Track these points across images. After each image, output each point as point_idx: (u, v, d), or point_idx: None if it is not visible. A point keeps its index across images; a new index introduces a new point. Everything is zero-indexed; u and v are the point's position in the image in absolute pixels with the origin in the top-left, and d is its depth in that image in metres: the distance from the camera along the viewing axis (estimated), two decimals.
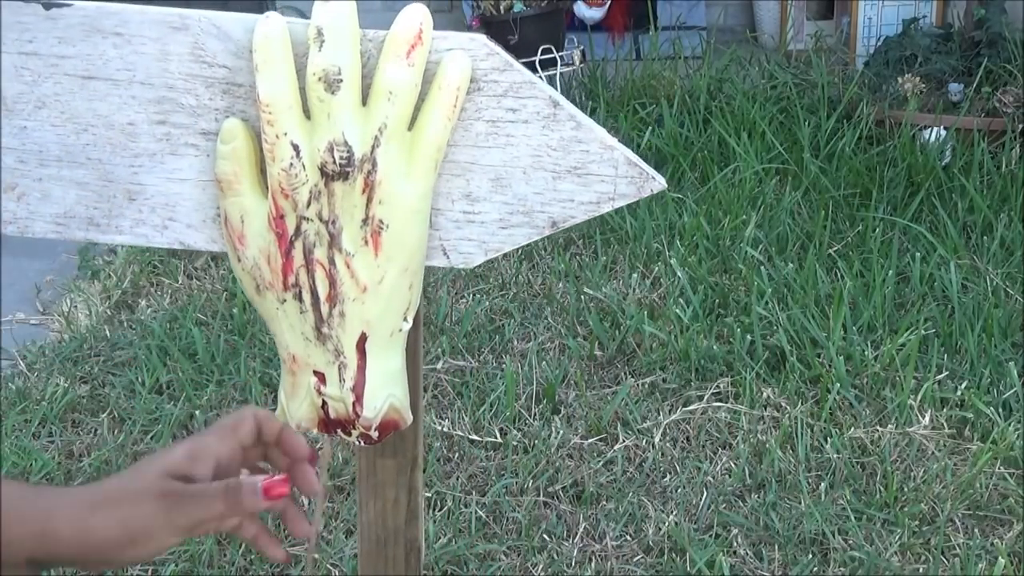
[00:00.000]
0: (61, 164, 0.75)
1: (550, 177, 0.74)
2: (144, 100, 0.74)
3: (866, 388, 2.48)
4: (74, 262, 3.26)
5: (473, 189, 0.75)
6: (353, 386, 0.74)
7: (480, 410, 2.41)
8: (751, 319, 2.66)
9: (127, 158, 0.75)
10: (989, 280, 2.87)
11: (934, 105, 3.68)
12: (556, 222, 0.76)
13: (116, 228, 0.77)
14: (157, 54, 0.72)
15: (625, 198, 0.75)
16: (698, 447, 2.33)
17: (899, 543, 2.05)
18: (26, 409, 2.47)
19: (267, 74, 0.69)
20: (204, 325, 2.79)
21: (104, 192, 0.76)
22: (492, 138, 0.74)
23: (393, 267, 0.72)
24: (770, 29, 4.95)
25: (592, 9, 4.64)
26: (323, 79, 0.68)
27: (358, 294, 0.72)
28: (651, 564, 2.03)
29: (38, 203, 0.76)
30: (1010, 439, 2.28)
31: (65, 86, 0.74)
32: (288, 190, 0.70)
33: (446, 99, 0.70)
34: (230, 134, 0.72)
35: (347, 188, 0.70)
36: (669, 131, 3.71)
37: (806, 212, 3.29)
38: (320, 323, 0.73)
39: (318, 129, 0.69)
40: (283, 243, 0.72)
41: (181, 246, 0.77)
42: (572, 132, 0.73)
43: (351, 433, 0.76)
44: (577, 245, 3.21)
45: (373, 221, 0.70)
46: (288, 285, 0.72)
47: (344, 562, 2.01)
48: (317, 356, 0.74)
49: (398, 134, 0.70)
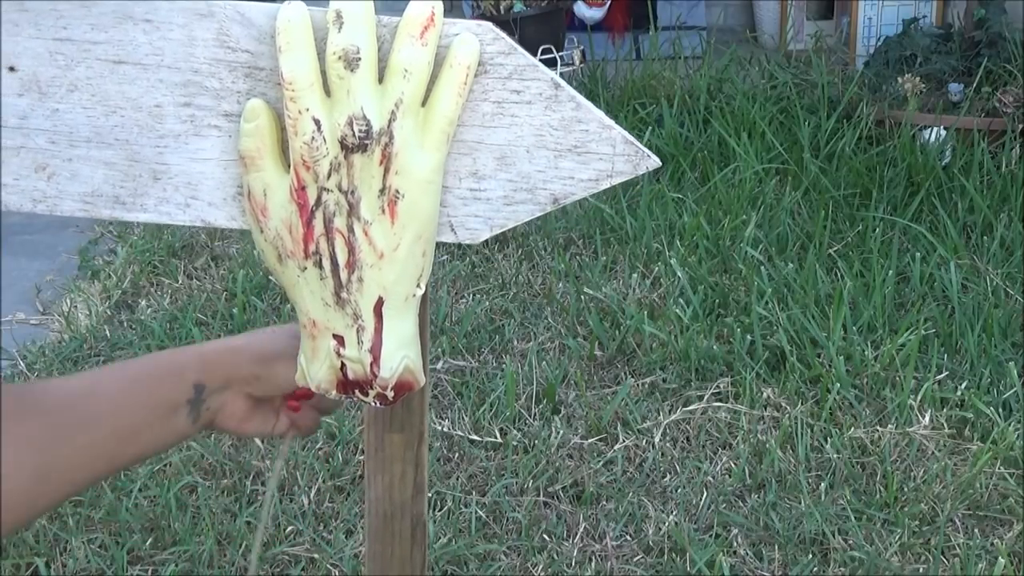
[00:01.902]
0: (90, 144, 0.78)
1: (552, 156, 0.78)
2: (171, 83, 0.77)
3: (866, 388, 2.48)
4: (74, 262, 3.26)
5: (479, 167, 0.79)
6: (371, 347, 0.78)
7: (480, 410, 2.41)
8: (751, 319, 2.66)
9: (153, 139, 0.78)
10: (989, 280, 2.87)
11: (934, 105, 3.68)
12: (557, 199, 0.79)
13: (141, 206, 0.80)
14: (184, 40, 0.76)
15: (622, 175, 0.78)
16: (698, 447, 2.33)
17: (899, 543, 2.05)
18: None
19: (290, 54, 0.73)
20: (204, 325, 2.79)
21: (130, 171, 0.79)
22: (498, 118, 0.77)
23: (408, 234, 0.76)
24: (770, 29, 4.95)
25: (592, 9, 4.64)
26: (342, 58, 0.73)
27: (375, 260, 0.76)
28: (651, 564, 2.03)
29: (67, 182, 0.79)
30: (1010, 439, 2.28)
31: (96, 70, 0.77)
32: (310, 162, 0.74)
33: (457, 76, 0.75)
34: (253, 113, 0.76)
35: (365, 160, 0.74)
36: (669, 131, 3.71)
37: (806, 212, 3.29)
38: (339, 288, 0.77)
39: (338, 105, 0.74)
40: (304, 213, 0.76)
41: (203, 223, 0.80)
42: (572, 112, 0.77)
43: (368, 393, 0.80)
44: (577, 245, 3.21)
45: (390, 191, 0.75)
46: (309, 253, 0.77)
47: (344, 562, 2.01)
48: (336, 320, 0.78)
49: (413, 109, 0.74)
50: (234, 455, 2.30)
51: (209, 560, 2.01)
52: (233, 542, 2.05)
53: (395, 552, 0.92)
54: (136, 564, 2.02)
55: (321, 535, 2.08)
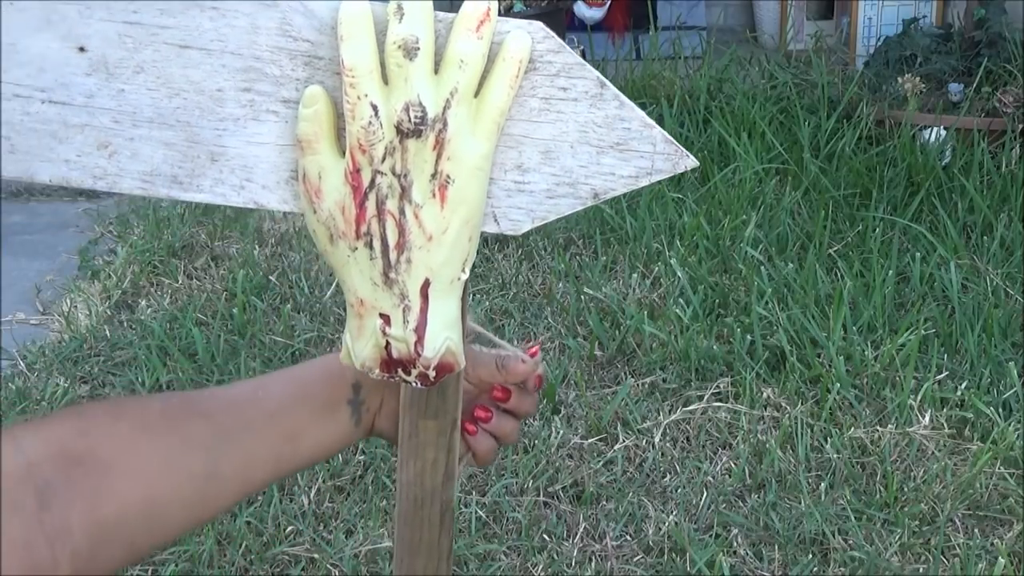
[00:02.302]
0: (152, 125, 0.81)
1: (594, 152, 0.81)
2: (233, 69, 0.80)
3: (866, 388, 2.48)
4: (74, 262, 3.26)
5: (524, 160, 0.81)
6: (416, 327, 0.81)
7: None
8: (751, 319, 2.66)
9: (213, 122, 0.81)
10: (989, 280, 2.87)
11: (934, 105, 3.68)
12: (598, 194, 0.82)
13: (197, 187, 0.82)
14: (248, 27, 0.79)
15: (661, 173, 0.81)
16: (698, 447, 2.33)
17: (899, 543, 2.05)
18: (26, 409, 2.47)
19: (351, 42, 0.77)
20: (204, 325, 2.79)
21: (189, 152, 0.81)
22: (544, 114, 0.80)
23: (457, 219, 0.79)
24: (770, 29, 4.95)
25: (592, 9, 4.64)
26: (402, 47, 0.76)
27: (424, 242, 0.79)
28: (651, 564, 2.03)
29: (128, 161, 0.82)
30: (1010, 439, 2.28)
31: (163, 54, 0.79)
32: (366, 146, 0.77)
33: (510, 69, 0.78)
34: (312, 99, 0.79)
35: (419, 145, 0.77)
36: (669, 131, 3.68)
37: (806, 212, 3.29)
38: (388, 269, 0.80)
39: (395, 92, 0.77)
40: (358, 195, 0.79)
41: (255, 205, 0.83)
42: (616, 111, 0.80)
43: (411, 373, 0.83)
44: (577, 245, 3.21)
45: (441, 176, 0.78)
46: (360, 234, 0.79)
47: (344, 562, 2.01)
48: (384, 300, 0.81)
49: (467, 99, 0.78)
50: None
51: (209, 560, 2.02)
52: (233, 542, 2.06)
53: (423, 537, 0.94)
54: (136, 564, 2.02)
55: (321, 535, 2.08)
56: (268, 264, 3.11)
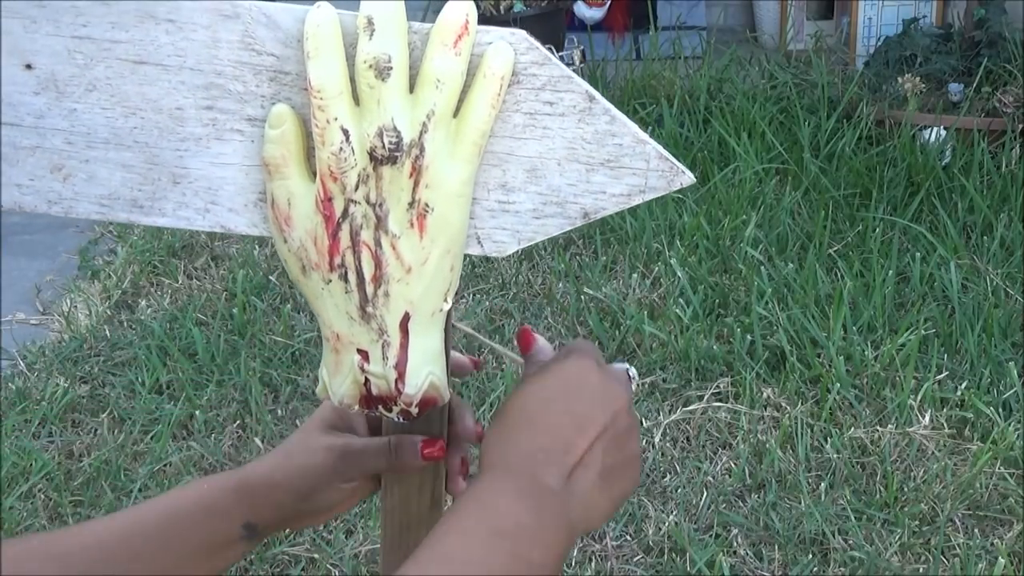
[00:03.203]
0: (108, 146, 0.76)
1: (584, 169, 0.76)
2: (193, 86, 0.75)
3: (866, 388, 2.48)
4: (74, 262, 3.26)
5: (509, 179, 0.77)
6: (396, 363, 0.76)
7: (480, 410, 2.41)
8: (751, 319, 2.66)
9: (173, 142, 0.76)
10: (989, 280, 2.87)
11: (934, 105, 3.68)
12: (588, 213, 0.77)
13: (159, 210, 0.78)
14: (208, 41, 0.74)
15: (655, 191, 0.76)
16: (698, 447, 2.33)
17: (899, 543, 2.05)
18: (26, 409, 2.47)
19: (319, 61, 0.70)
20: (204, 325, 2.79)
21: (149, 175, 0.77)
22: (529, 130, 0.75)
23: (437, 249, 0.74)
24: (770, 29, 4.95)
25: (592, 9, 4.64)
26: (373, 66, 0.70)
27: (403, 275, 0.74)
28: (651, 564, 2.03)
29: (84, 184, 0.77)
30: (1010, 439, 2.28)
31: (116, 70, 0.75)
32: (337, 173, 0.72)
33: (491, 87, 0.72)
34: (279, 119, 0.73)
35: (395, 172, 0.71)
36: (669, 131, 3.71)
37: (806, 212, 3.29)
38: (365, 303, 0.75)
39: (368, 115, 0.71)
40: (330, 225, 0.73)
41: (222, 229, 0.78)
42: (606, 126, 0.75)
43: (392, 409, 0.78)
44: (577, 245, 3.21)
45: (419, 204, 0.72)
46: (334, 266, 0.74)
47: (344, 562, 2.01)
48: (361, 335, 0.76)
49: (445, 121, 0.72)
50: (234, 455, 2.30)
51: None
52: None
53: None
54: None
55: (321, 535, 2.08)
56: (268, 264, 3.11)
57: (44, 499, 2.20)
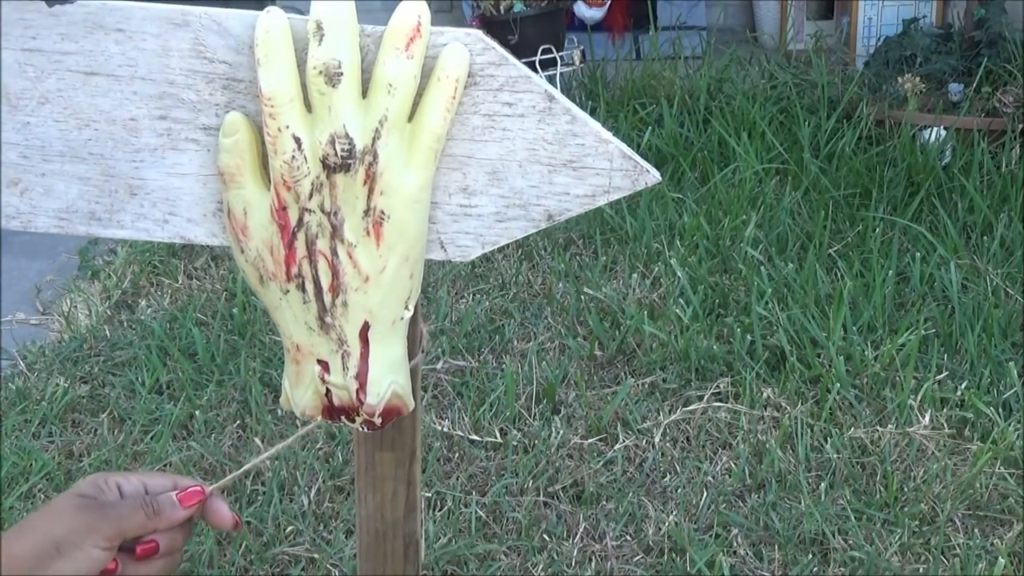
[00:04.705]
0: (64, 159, 0.76)
1: (546, 171, 0.75)
2: (145, 96, 0.74)
3: (866, 388, 2.48)
4: (74, 262, 3.26)
5: (470, 183, 0.76)
6: (356, 374, 0.75)
7: (480, 410, 2.42)
8: (751, 319, 2.66)
9: (128, 153, 0.76)
10: (989, 280, 2.87)
11: (934, 105, 3.68)
12: (552, 215, 0.77)
13: (118, 223, 0.78)
14: (158, 50, 0.73)
15: (620, 191, 0.76)
16: (698, 447, 2.33)
17: (899, 543, 2.05)
18: (26, 409, 2.47)
19: (269, 68, 0.69)
20: (204, 325, 2.79)
21: (106, 187, 0.77)
22: (488, 132, 0.74)
23: (394, 257, 0.73)
24: (770, 29, 4.95)
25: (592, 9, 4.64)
26: (323, 72, 0.69)
27: (360, 284, 0.73)
28: (651, 564, 2.03)
29: (41, 198, 0.77)
30: (1010, 439, 2.28)
31: (68, 82, 0.74)
32: (290, 182, 0.71)
33: (445, 90, 0.71)
34: (232, 127, 0.72)
35: (349, 180, 0.71)
36: (669, 131, 3.71)
37: (806, 212, 3.29)
38: (323, 313, 0.74)
39: (319, 122, 0.70)
40: (286, 235, 0.72)
41: (182, 240, 0.78)
42: (567, 126, 0.74)
43: (355, 420, 0.77)
44: (577, 245, 3.21)
45: (375, 212, 0.71)
46: (291, 276, 0.73)
47: (344, 562, 2.01)
48: (321, 345, 0.75)
49: (398, 126, 0.71)
50: (234, 455, 2.30)
51: (209, 560, 2.02)
52: (233, 542, 2.05)
53: (387, 571, 0.89)
54: None
55: (321, 535, 2.08)
56: None
57: (44, 499, 2.20)
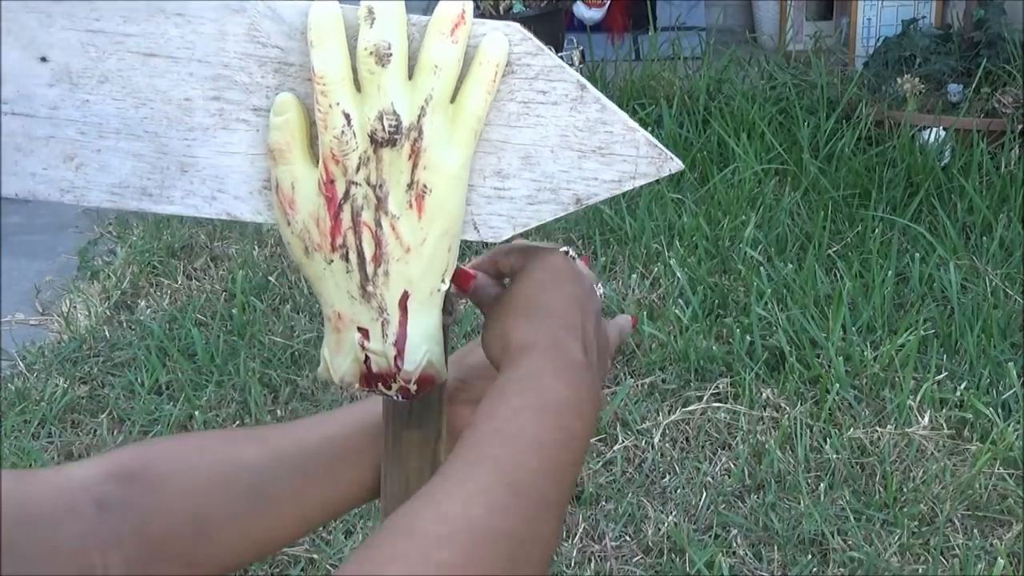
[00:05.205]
0: (119, 136, 0.79)
1: (576, 156, 0.79)
2: (201, 77, 0.77)
3: (865, 389, 2.48)
4: (73, 262, 3.26)
5: (504, 166, 0.79)
6: (395, 341, 0.79)
7: None
8: (750, 320, 2.66)
9: (182, 132, 0.79)
10: (988, 281, 2.87)
11: (933, 106, 3.69)
12: (580, 199, 0.80)
13: (168, 199, 0.80)
14: (215, 34, 0.76)
15: (645, 177, 0.79)
16: (697, 447, 2.34)
17: (898, 543, 2.05)
18: (26, 410, 2.47)
19: (322, 49, 0.74)
20: (203, 326, 2.79)
21: (158, 164, 0.79)
22: (523, 118, 0.78)
23: (435, 229, 0.77)
24: (769, 30, 4.95)
25: (591, 10, 4.64)
26: (374, 53, 0.73)
27: (402, 254, 0.77)
28: (651, 564, 2.03)
29: (95, 173, 0.80)
30: (1009, 440, 2.28)
31: (128, 62, 0.77)
32: (339, 156, 0.75)
33: (487, 73, 0.76)
34: (283, 107, 0.76)
35: (394, 154, 0.75)
36: (668, 131, 3.71)
37: (805, 213, 3.29)
38: (365, 282, 0.78)
39: (368, 100, 0.74)
40: (332, 207, 0.76)
41: (228, 216, 0.80)
42: (597, 114, 0.77)
43: (391, 387, 0.80)
44: (577, 245, 3.21)
45: (418, 186, 0.76)
46: (336, 246, 0.77)
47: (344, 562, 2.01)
48: (362, 313, 0.79)
49: (442, 105, 0.75)
50: None
51: None
52: None
53: None
54: None
55: (321, 535, 2.08)
56: (267, 265, 3.11)
57: None
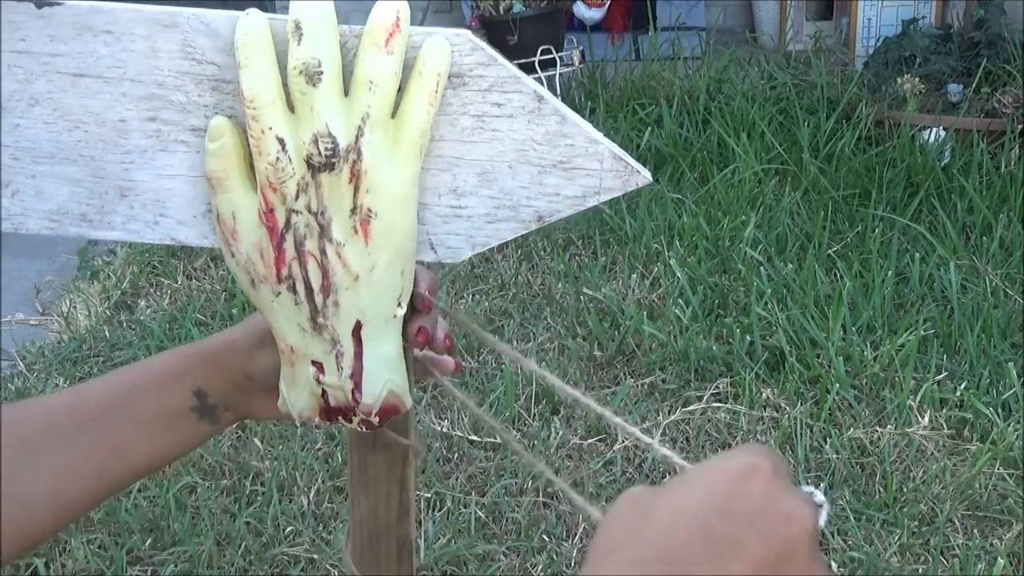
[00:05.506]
0: (54, 161, 0.76)
1: (536, 171, 0.75)
2: (134, 97, 0.74)
3: (865, 389, 2.48)
4: (73, 262, 3.26)
5: (459, 184, 0.75)
6: (351, 373, 0.75)
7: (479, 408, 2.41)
8: (750, 319, 2.66)
9: (118, 155, 0.76)
10: (988, 281, 2.87)
11: (933, 106, 3.69)
12: (542, 216, 0.76)
13: (108, 224, 0.77)
14: (147, 51, 0.73)
15: (611, 192, 0.75)
16: (697, 448, 2.33)
17: (898, 543, 2.05)
18: None
19: (250, 70, 0.70)
20: (203, 326, 2.79)
21: (96, 188, 0.77)
22: (478, 132, 0.74)
23: (384, 254, 0.72)
24: (769, 30, 4.95)
25: (592, 10, 4.64)
26: (303, 72, 0.69)
27: (351, 283, 0.73)
28: None
29: (32, 200, 0.77)
30: (1009, 440, 2.28)
31: (57, 84, 0.74)
32: (276, 183, 0.71)
33: (427, 84, 0.71)
34: (217, 131, 0.72)
35: (334, 179, 0.70)
36: (668, 131, 3.71)
37: (805, 212, 3.29)
38: (315, 313, 0.74)
39: (302, 122, 0.70)
40: (274, 236, 0.72)
41: (173, 241, 0.78)
42: (557, 126, 0.74)
43: (352, 420, 0.77)
44: (576, 246, 3.21)
45: (361, 210, 0.71)
46: (282, 278, 0.73)
47: (344, 563, 2.01)
48: (314, 346, 0.75)
49: (381, 122, 0.70)
50: (233, 455, 2.30)
51: (208, 560, 2.02)
52: (232, 542, 2.05)
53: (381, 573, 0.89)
54: (135, 564, 2.02)
55: (321, 535, 2.08)
56: None
57: None
